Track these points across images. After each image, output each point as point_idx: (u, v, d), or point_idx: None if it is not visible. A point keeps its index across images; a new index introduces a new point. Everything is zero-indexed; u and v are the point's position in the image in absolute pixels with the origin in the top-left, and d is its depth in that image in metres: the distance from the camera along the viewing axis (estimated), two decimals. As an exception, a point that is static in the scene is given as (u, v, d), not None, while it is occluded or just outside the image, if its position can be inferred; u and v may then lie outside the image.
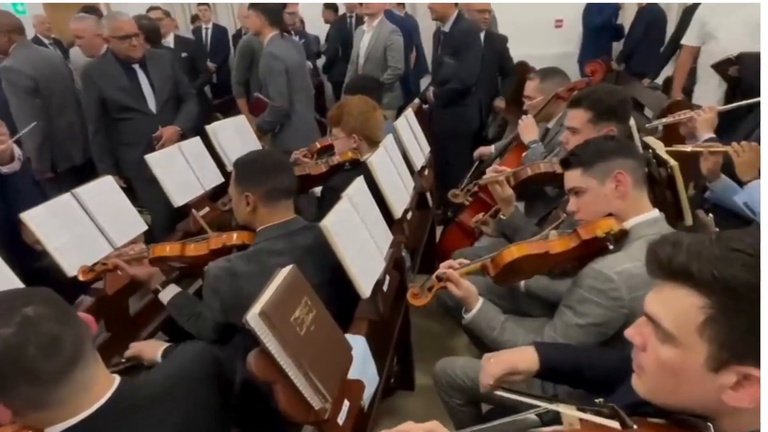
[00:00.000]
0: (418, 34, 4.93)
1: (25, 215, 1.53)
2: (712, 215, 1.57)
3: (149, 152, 2.12)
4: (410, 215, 2.03)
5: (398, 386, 2.04)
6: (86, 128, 2.76)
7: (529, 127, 2.24)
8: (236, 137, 2.50)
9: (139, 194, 2.71)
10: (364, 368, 1.15)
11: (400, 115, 3.50)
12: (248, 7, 3.05)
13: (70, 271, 1.57)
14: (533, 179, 1.92)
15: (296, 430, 1.03)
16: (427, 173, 2.58)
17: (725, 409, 0.63)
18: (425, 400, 1.97)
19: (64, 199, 1.67)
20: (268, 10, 2.94)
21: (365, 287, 1.34)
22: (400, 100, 3.81)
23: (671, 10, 4.99)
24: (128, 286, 1.70)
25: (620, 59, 4.95)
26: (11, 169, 1.94)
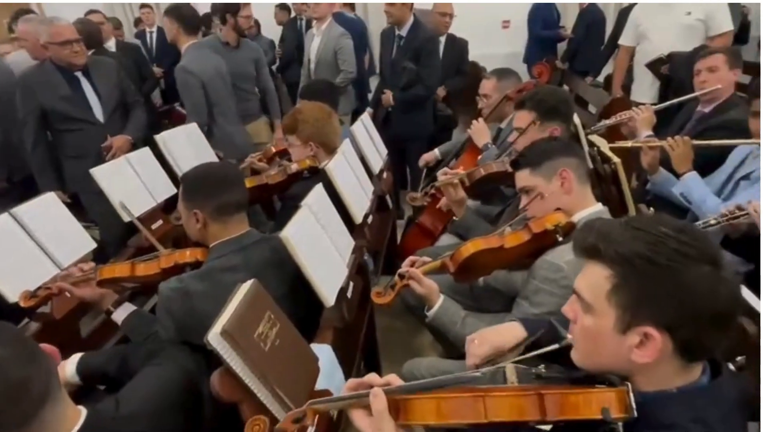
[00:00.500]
0: (368, 36, 4.96)
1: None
2: (652, 209, 1.68)
3: (99, 164, 2.03)
4: (371, 219, 2.04)
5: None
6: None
7: (481, 130, 2.32)
8: (188, 146, 2.43)
9: (87, 209, 2.59)
10: (331, 377, 1.15)
11: (355, 118, 3.53)
12: (163, 13, 2.92)
13: (11, 297, 1.48)
14: (487, 179, 1.99)
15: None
16: (385, 176, 2.60)
17: (636, 367, 0.73)
18: (394, 400, 2.00)
19: (1, 219, 1.58)
20: (183, 16, 2.80)
21: (329, 296, 1.34)
22: (353, 103, 3.81)
23: (608, 10, 5.27)
24: (78, 307, 1.62)
25: (564, 59, 5.18)
26: None
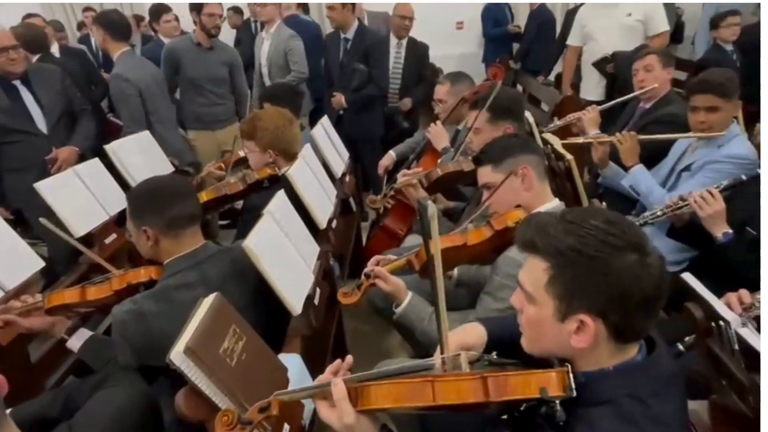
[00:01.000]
0: (323, 38, 4.94)
1: None
2: (605, 203, 1.76)
3: (44, 177, 1.92)
4: (335, 223, 2.03)
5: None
6: None
7: (439, 134, 2.37)
8: (140, 155, 2.34)
9: (33, 225, 2.44)
10: (301, 386, 1.14)
11: (312, 119, 3.50)
12: (92, 21, 2.86)
13: (-51, 326, 1.38)
14: (444, 178, 2.03)
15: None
16: (348, 179, 2.60)
17: (576, 352, 0.78)
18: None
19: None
20: (109, 23, 2.72)
21: (296, 304, 1.32)
22: (309, 105, 3.79)
23: (555, 11, 5.46)
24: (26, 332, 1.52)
25: (517, 59, 5.34)
26: None
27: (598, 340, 0.75)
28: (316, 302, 1.49)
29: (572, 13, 4.27)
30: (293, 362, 1.17)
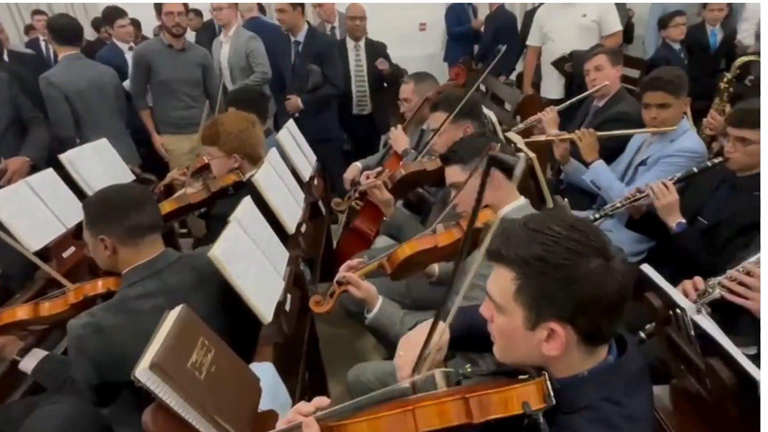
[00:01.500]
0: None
1: None
2: (567, 199, 1.82)
3: (-6, 189, 1.82)
4: (304, 227, 2.01)
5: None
6: None
7: (399, 137, 2.40)
8: (98, 164, 2.25)
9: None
10: (275, 395, 1.12)
11: (276, 122, 3.45)
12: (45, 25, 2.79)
13: None
14: (408, 179, 2.05)
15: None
16: (316, 182, 2.58)
17: (549, 359, 0.77)
18: (342, 408, 1.99)
19: None
20: (55, 28, 2.68)
21: (266, 312, 1.30)
22: (273, 108, 3.74)
23: (515, 11, 5.59)
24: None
25: (477, 60, 5.44)
26: None
27: (568, 346, 0.75)
28: (287, 308, 1.47)
29: (530, 14, 4.39)
30: (266, 372, 1.15)
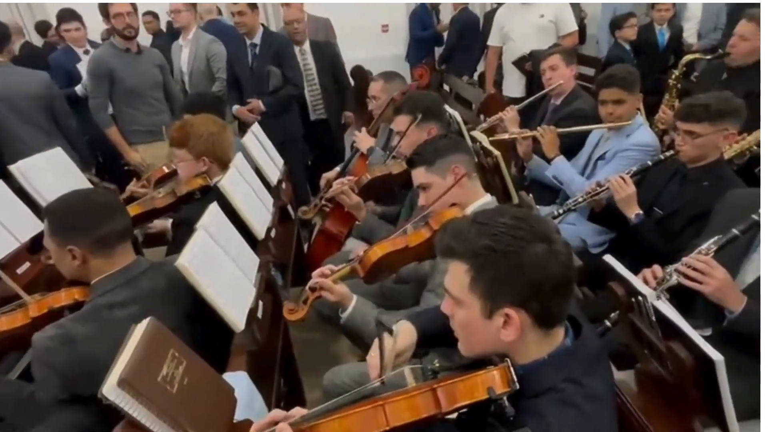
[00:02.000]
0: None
1: None
2: (531, 195, 1.87)
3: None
4: (274, 232, 1.99)
5: (289, 408, 2.00)
6: None
7: (363, 138, 2.42)
8: (52, 174, 2.14)
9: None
10: (250, 404, 1.10)
11: (240, 127, 3.38)
12: None
13: None
14: (374, 183, 2.07)
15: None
16: (284, 186, 2.55)
17: (508, 345, 0.81)
18: (319, 413, 1.98)
19: None
20: None
21: (238, 320, 1.27)
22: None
23: (475, 10, 5.70)
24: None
25: (441, 61, 5.52)
26: None
27: (524, 330, 0.79)
28: (259, 315, 1.44)
29: (490, 15, 4.49)
30: (240, 381, 1.13)
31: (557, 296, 0.79)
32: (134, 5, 2.87)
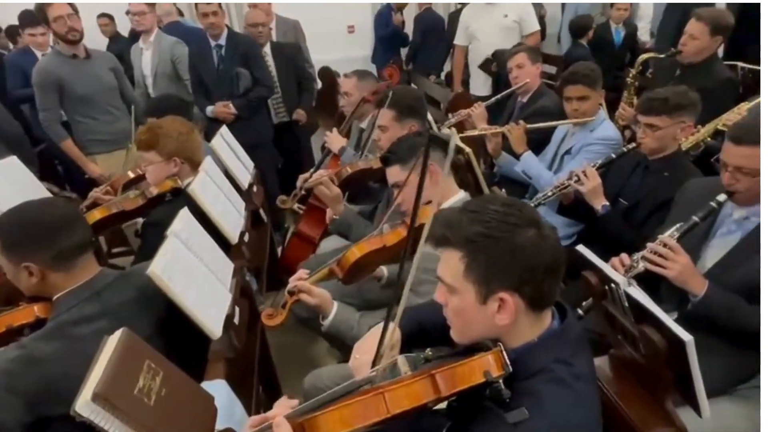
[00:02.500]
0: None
1: None
2: (504, 189, 1.91)
3: None
4: (247, 236, 1.95)
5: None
6: None
7: (334, 138, 2.41)
8: (7, 185, 2.03)
9: None
10: (231, 413, 1.08)
11: (206, 135, 3.29)
12: None
13: None
14: (354, 177, 2.06)
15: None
16: (256, 189, 2.50)
17: (502, 330, 0.83)
18: (300, 417, 1.95)
19: None
20: None
21: (214, 328, 1.24)
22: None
23: (439, 10, 5.76)
24: None
25: (407, 61, 5.55)
26: None
27: (518, 313, 0.81)
28: (236, 321, 1.41)
29: (454, 15, 4.56)
30: (219, 389, 1.10)
31: (549, 279, 0.81)
32: (73, 5, 2.67)
